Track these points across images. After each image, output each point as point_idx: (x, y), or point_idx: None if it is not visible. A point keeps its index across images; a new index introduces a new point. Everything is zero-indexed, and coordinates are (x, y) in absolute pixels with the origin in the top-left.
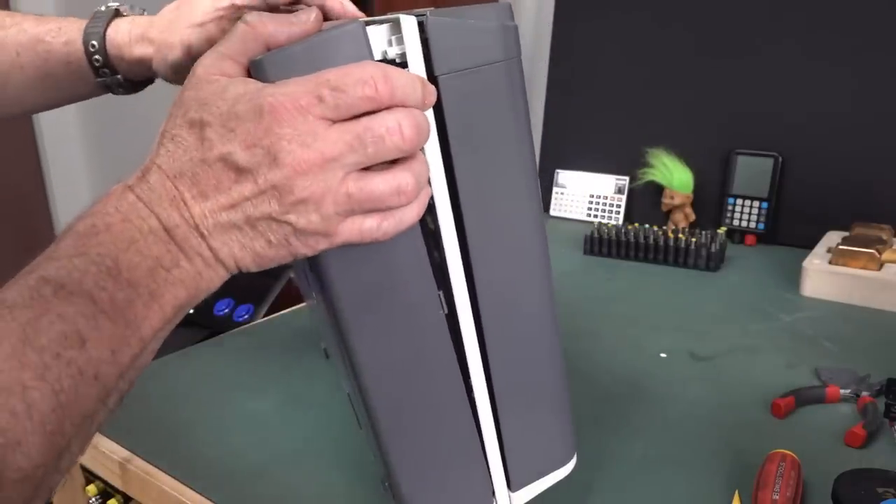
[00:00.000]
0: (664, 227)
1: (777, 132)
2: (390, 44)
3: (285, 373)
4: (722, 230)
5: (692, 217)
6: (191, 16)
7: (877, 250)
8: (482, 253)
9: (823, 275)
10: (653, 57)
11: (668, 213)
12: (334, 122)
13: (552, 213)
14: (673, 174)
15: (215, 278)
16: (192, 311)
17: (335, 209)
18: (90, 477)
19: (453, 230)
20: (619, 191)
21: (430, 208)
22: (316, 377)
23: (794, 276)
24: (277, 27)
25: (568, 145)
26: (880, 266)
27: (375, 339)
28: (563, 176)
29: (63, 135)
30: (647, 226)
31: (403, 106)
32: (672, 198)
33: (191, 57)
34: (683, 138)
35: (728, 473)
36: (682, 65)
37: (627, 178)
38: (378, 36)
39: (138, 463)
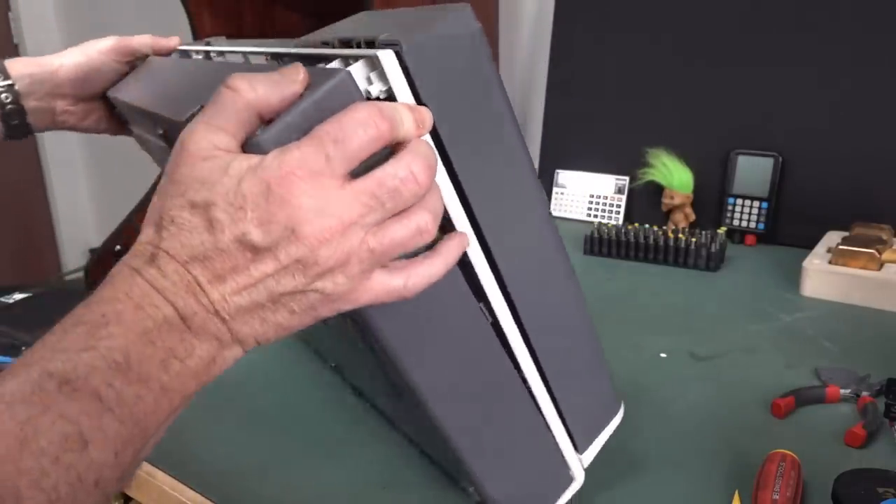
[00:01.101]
0: (664, 227)
1: (777, 132)
2: (370, 81)
3: (285, 372)
4: (722, 230)
5: (692, 217)
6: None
7: (877, 250)
8: (503, 248)
9: (823, 275)
10: (653, 57)
11: (668, 213)
12: (345, 177)
13: (552, 212)
14: (673, 174)
15: (230, 359)
16: None
17: (360, 268)
18: None
19: (474, 238)
20: (619, 191)
21: (446, 221)
22: (316, 377)
23: (794, 276)
24: (268, 90)
25: (568, 145)
26: (880, 266)
27: (433, 367)
28: (563, 176)
29: (63, 135)
30: (647, 226)
31: (406, 139)
32: (672, 198)
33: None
34: (683, 138)
35: (728, 473)
36: (682, 65)
37: (627, 178)
38: (357, 75)
39: None
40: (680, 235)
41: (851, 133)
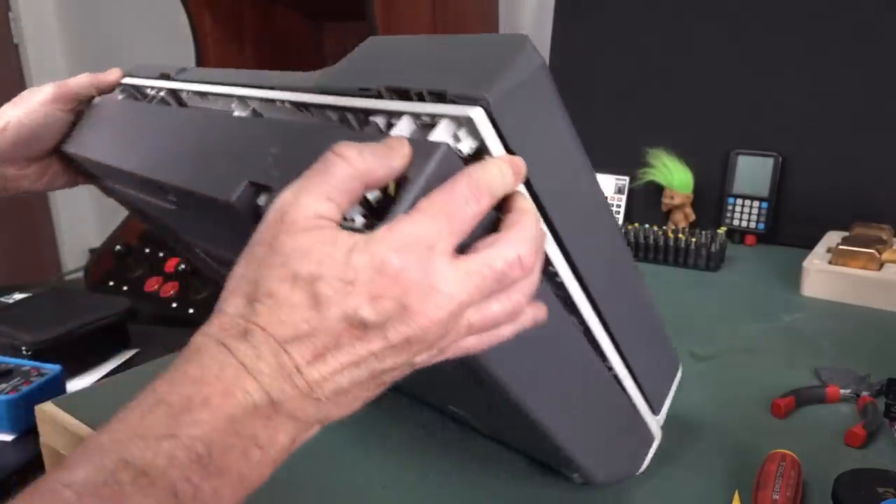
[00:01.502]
0: (664, 227)
1: (777, 132)
2: (457, 139)
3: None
4: (722, 230)
5: (692, 217)
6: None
7: (877, 250)
8: (587, 262)
9: (823, 275)
10: (653, 57)
11: (668, 213)
12: (454, 253)
13: None
14: (673, 174)
15: (307, 439)
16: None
17: (455, 340)
18: None
19: (563, 260)
20: (619, 191)
21: None
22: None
23: (794, 276)
24: (375, 162)
25: None
26: (880, 266)
27: (534, 382)
28: None
29: None
30: (647, 226)
31: (507, 194)
32: (672, 198)
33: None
34: (683, 138)
35: (728, 473)
36: (682, 64)
37: (627, 178)
38: (446, 137)
39: None
40: (680, 235)
41: (851, 133)
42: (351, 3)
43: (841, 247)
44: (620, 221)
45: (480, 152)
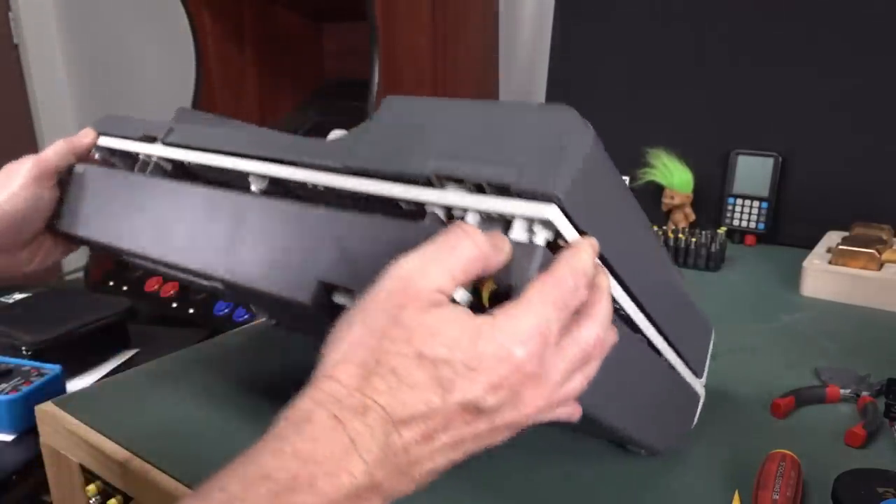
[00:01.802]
0: (664, 227)
1: (777, 132)
2: (532, 232)
3: (286, 372)
4: (722, 230)
5: (692, 217)
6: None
7: (877, 250)
8: (639, 284)
9: (823, 275)
10: (653, 57)
11: (668, 213)
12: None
13: None
14: (673, 174)
15: None
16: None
17: (545, 416)
18: (90, 477)
19: (623, 293)
20: None
21: None
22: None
23: (794, 276)
24: (493, 251)
25: None
26: (880, 266)
27: (605, 396)
28: None
29: (63, 135)
30: (623, 178)
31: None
32: (672, 198)
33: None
34: (683, 138)
35: (728, 473)
36: (682, 65)
37: (627, 179)
38: (521, 235)
39: (138, 463)
40: (680, 235)
41: (851, 133)
42: (351, 3)
43: (841, 247)
44: None
45: (556, 239)
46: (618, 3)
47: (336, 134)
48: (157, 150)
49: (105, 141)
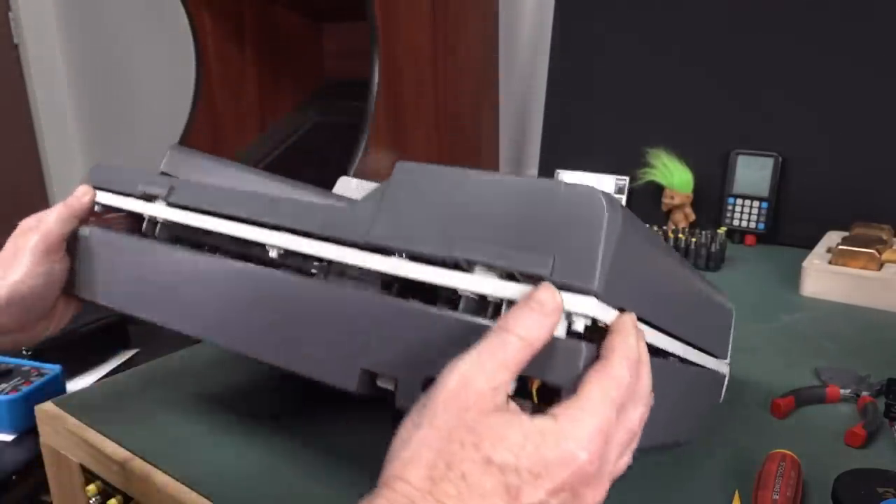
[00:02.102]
0: (664, 227)
1: (777, 132)
2: (571, 321)
3: (285, 373)
4: (722, 230)
5: (692, 217)
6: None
7: (877, 250)
8: (675, 324)
9: (823, 275)
10: (653, 57)
11: (668, 213)
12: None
13: None
14: (673, 174)
15: None
16: None
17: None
18: (90, 477)
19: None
20: (619, 191)
21: None
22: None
23: (794, 276)
24: (539, 329)
25: (568, 145)
26: (880, 266)
27: (648, 430)
28: (563, 176)
29: (63, 135)
30: (647, 226)
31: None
32: (672, 198)
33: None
34: (683, 138)
35: (728, 473)
36: (682, 65)
37: (627, 178)
38: (561, 331)
39: (138, 463)
40: (680, 235)
41: (851, 133)
42: (351, 3)
43: (841, 247)
44: None
45: (596, 322)
46: (618, 3)
47: (344, 183)
48: (162, 212)
49: (104, 198)
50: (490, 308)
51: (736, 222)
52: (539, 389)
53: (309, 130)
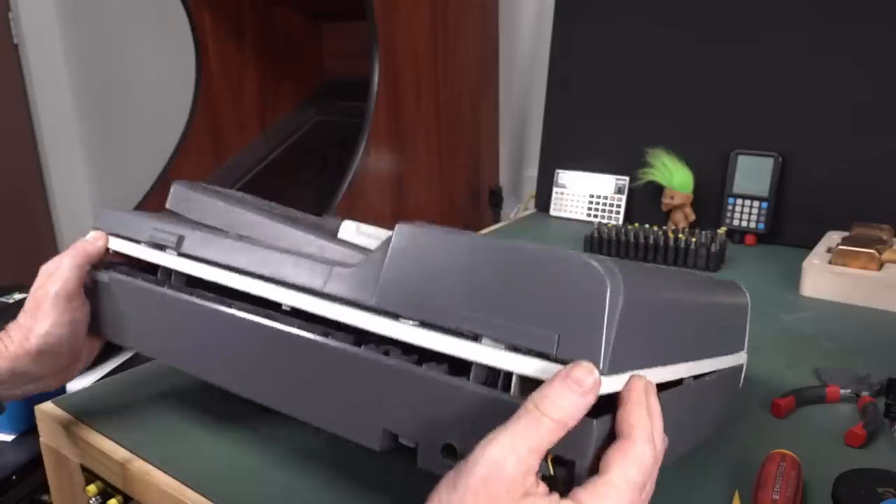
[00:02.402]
0: (664, 227)
1: (777, 132)
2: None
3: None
4: (722, 230)
5: (692, 217)
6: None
7: (877, 250)
8: (678, 352)
9: (823, 275)
10: (653, 57)
11: (668, 213)
12: None
13: (552, 213)
14: (673, 174)
15: None
16: None
17: None
18: (90, 477)
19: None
20: (619, 191)
21: None
22: None
23: (794, 276)
24: (573, 408)
25: (568, 145)
26: (880, 266)
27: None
28: (563, 176)
29: (63, 135)
30: (647, 226)
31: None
32: (672, 198)
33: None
34: (683, 138)
35: (728, 473)
36: (682, 65)
37: (627, 178)
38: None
39: (138, 463)
40: (680, 235)
41: (851, 133)
42: (351, 3)
43: (841, 247)
44: (620, 221)
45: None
46: (617, 3)
47: (349, 227)
48: (172, 262)
49: (114, 243)
50: (502, 376)
51: (736, 222)
52: (554, 458)
53: (309, 130)
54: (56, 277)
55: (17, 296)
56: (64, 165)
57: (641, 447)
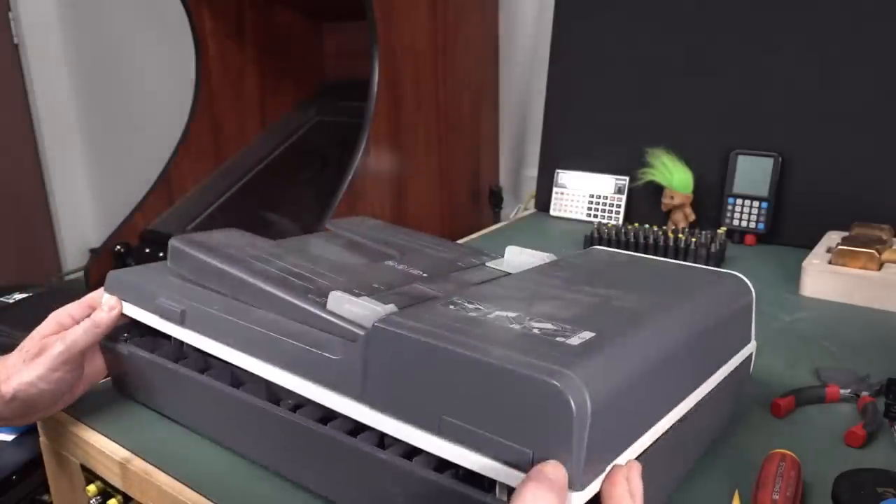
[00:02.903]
0: (664, 227)
1: (777, 132)
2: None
3: None
4: (722, 230)
5: (692, 217)
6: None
7: (877, 250)
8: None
9: (823, 275)
10: (653, 57)
11: (668, 213)
12: None
13: (552, 213)
14: (673, 174)
15: None
16: None
17: None
18: (90, 477)
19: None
20: (619, 191)
21: None
22: None
23: (794, 276)
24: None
25: (568, 145)
26: (880, 266)
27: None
28: (563, 176)
29: (63, 135)
30: (647, 226)
31: None
32: (672, 198)
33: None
34: (683, 138)
35: (728, 473)
36: (682, 65)
37: (627, 178)
38: None
39: (138, 463)
40: (680, 235)
41: (851, 133)
42: (351, 3)
43: (841, 247)
44: (620, 221)
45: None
46: (617, 4)
47: (336, 299)
48: (180, 334)
49: (127, 309)
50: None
51: (736, 222)
52: None
53: (309, 130)
54: (67, 338)
55: (18, 296)
56: (64, 165)
57: None
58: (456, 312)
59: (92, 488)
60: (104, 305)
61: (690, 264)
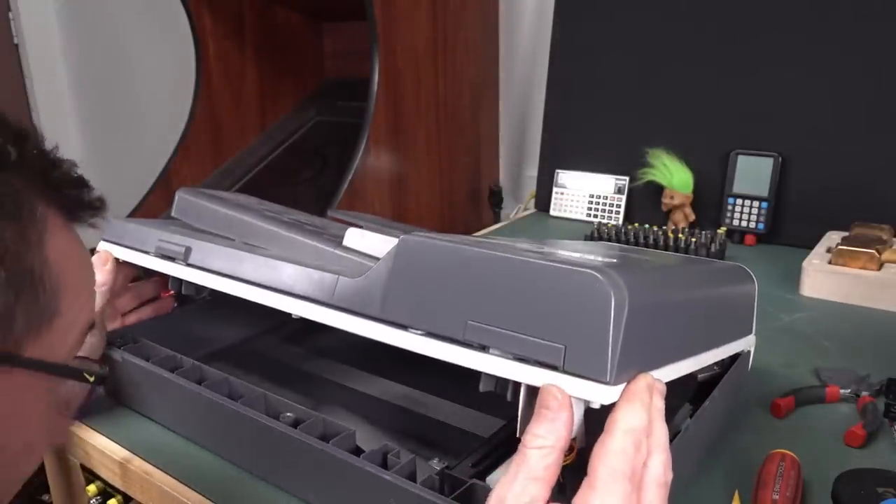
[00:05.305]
0: (664, 227)
1: (777, 132)
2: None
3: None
4: (722, 230)
5: (692, 217)
6: None
7: (877, 250)
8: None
9: (823, 275)
10: (653, 57)
11: (668, 213)
12: None
13: (552, 212)
14: (673, 174)
15: None
16: None
17: None
18: (90, 477)
19: None
20: (619, 191)
21: None
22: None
23: (793, 276)
24: (556, 432)
25: (568, 145)
26: (880, 266)
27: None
28: (563, 176)
29: (63, 135)
30: (647, 226)
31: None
32: (672, 198)
33: None
34: (683, 138)
35: (728, 473)
36: (682, 65)
37: (627, 178)
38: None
39: (138, 463)
40: (680, 235)
41: (851, 133)
42: (351, 3)
43: (841, 247)
44: (620, 221)
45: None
46: (617, 3)
47: (354, 234)
48: (182, 273)
49: (122, 253)
50: (510, 386)
51: (736, 222)
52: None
53: (309, 130)
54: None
55: None
56: None
57: (619, 438)
58: (480, 243)
59: (92, 488)
60: (96, 265)
61: (695, 257)
